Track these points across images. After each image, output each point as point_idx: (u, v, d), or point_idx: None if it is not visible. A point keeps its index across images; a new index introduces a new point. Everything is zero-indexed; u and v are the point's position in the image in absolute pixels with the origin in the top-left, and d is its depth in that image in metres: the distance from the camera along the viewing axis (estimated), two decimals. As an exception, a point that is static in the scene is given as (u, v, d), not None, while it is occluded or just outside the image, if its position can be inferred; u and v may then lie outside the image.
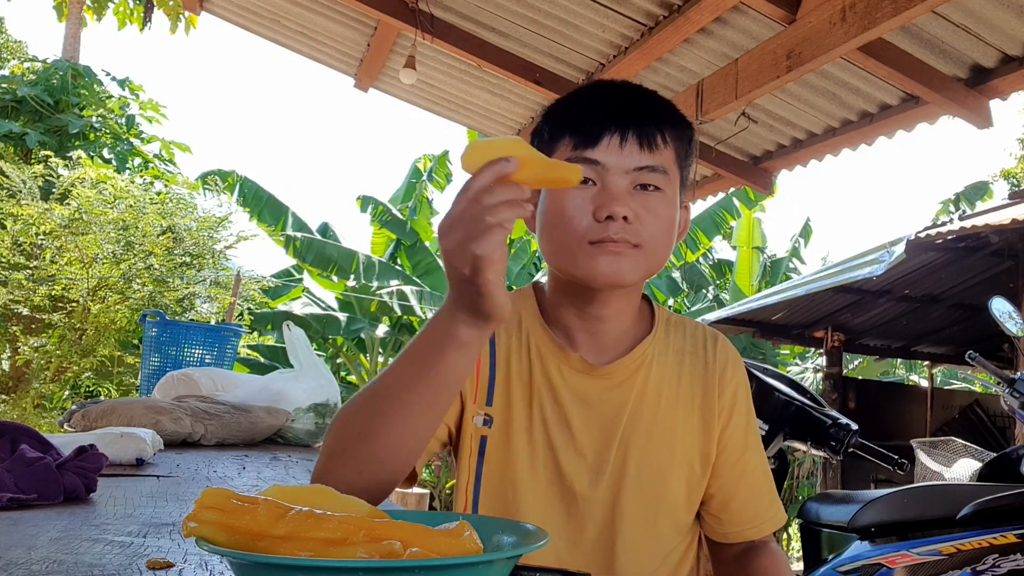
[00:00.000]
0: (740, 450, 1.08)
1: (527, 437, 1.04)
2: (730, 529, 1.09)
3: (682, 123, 1.04)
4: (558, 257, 1.01)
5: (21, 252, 7.03)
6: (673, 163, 1.01)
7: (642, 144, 0.97)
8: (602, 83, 1.07)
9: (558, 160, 0.84)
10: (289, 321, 2.76)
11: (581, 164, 0.94)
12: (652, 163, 0.98)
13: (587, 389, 1.04)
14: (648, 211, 0.97)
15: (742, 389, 1.10)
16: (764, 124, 3.77)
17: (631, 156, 0.97)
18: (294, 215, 9.59)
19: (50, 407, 7.66)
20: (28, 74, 11.58)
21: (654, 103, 1.03)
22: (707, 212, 9.96)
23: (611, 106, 1.00)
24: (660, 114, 1.01)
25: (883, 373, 11.27)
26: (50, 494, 1.11)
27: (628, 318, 1.07)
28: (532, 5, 3.40)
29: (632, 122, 0.98)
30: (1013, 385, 2.52)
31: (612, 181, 0.97)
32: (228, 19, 4.48)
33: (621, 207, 0.95)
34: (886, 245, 4.82)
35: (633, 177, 0.97)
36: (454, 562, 0.53)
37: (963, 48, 2.91)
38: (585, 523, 1.02)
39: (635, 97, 1.03)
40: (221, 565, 0.77)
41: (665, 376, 1.07)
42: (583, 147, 0.98)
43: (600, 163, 0.97)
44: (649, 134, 0.98)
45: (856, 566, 2.33)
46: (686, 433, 1.06)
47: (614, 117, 0.98)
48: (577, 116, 1.01)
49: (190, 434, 2.09)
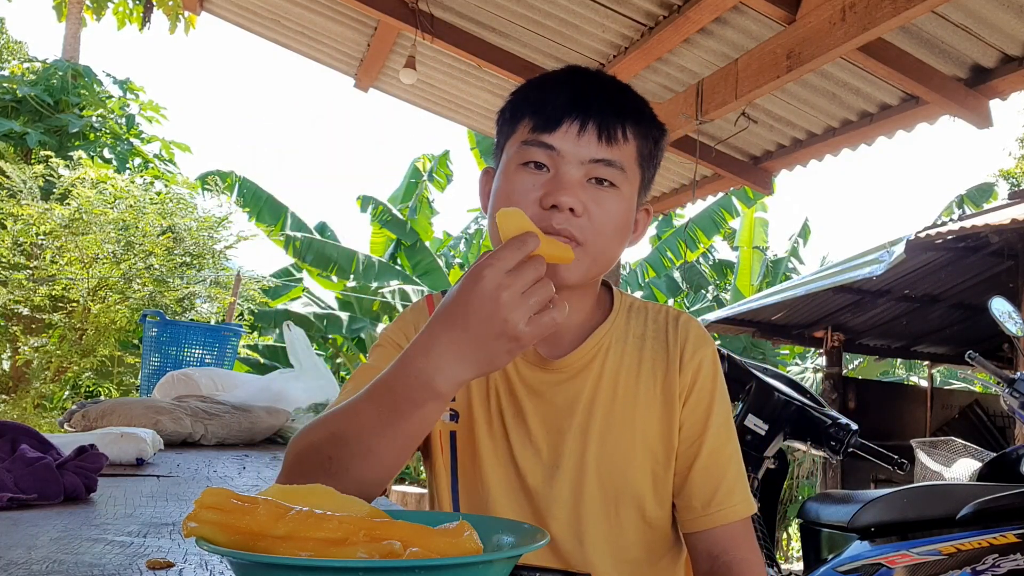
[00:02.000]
0: (699, 428, 1.01)
1: (488, 431, 1.02)
2: (685, 516, 1.01)
3: (650, 122, 1.00)
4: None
5: (21, 252, 7.03)
6: (633, 161, 0.97)
7: (601, 135, 0.93)
8: (574, 69, 1.03)
9: (553, 238, 0.82)
10: (289, 321, 2.76)
11: (536, 148, 0.94)
12: (609, 157, 0.94)
13: (540, 383, 1.02)
14: (598, 206, 0.93)
15: (707, 366, 1.04)
16: (764, 124, 3.77)
17: (588, 146, 0.93)
18: (293, 215, 9.60)
19: (50, 407, 7.66)
20: (28, 74, 11.58)
21: (622, 97, 0.99)
22: (707, 212, 9.96)
23: (576, 92, 0.96)
24: (626, 109, 0.97)
25: (883, 373, 11.27)
26: (50, 494, 1.11)
27: (583, 311, 1.04)
28: (532, 5, 3.40)
29: (594, 111, 0.94)
30: (1013, 385, 2.52)
31: (565, 170, 0.93)
32: (228, 19, 4.48)
33: (569, 197, 0.91)
34: (886, 245, 4.82)
35: (588, 169, 0.93)
36: (454, 562, 0.53)
37: (963, 48, 2.91)
38: (546, 519, 0.99)
39: (603, 88, 0.99)
40: (221, 565, 0.77)
41: (623, 364, 1.03)
42: (541, 130, 0.94)
43: (555, 149, 0.93)
44: (611, 126, 0.94)
45: (856, 566, 2.33)
46: (647, 421, 1.01)
47: (576, 104, 0.94)
48: (540, 98, 0.97)
49: (190, 434, 2.09)
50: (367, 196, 10.09)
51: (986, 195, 9.94)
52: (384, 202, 10.13)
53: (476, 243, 10.51)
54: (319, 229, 10.37)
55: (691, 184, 4.33)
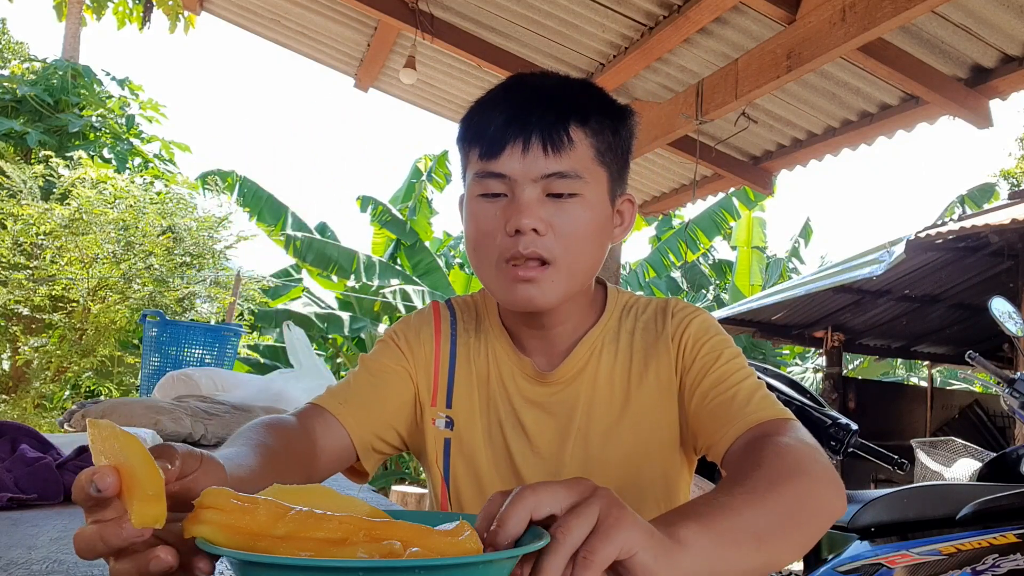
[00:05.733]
0: (701, 376, 0.96)
1: (486, 439, 1.03)
2: (713, 453, 0.91)
3: (602, 113, 0.94)
4: (481, 277, 0.96)
5: (21, 252, 7.03)
6: (591, 161, 0.92)
7: (547, 148, 0.89)
8: (513, 80, 0.98)
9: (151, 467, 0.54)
10: (289, 321, 2.76)
11: (488, 179, 0.91)
12: (560, 169, 0.89)
13: (537, 395, 1.02)
14: (562, 220, 0.90)
15: (695, 327, 0.99)
16: (764, 124, 3.77)
17: (536, 163, 0.89)
18: (294, 215, 9.60)
19: (50, 407, 7.66)
20: (28, 74, 11.59)
21: (562, 98, 0.92)
22: (707, 212, 9.96)
23: (512, 110, 0.91)
24: (568, 111, 0.91)
25: (883, 373, 11.28)
26: (50, 494, 1.11)
27: (576, 319, 1.02)
28: (532, 5, 3.40)
29: (535, 124, 0.89)
30: (1013, 385, 2.52)
31: (519, 192, 0.89)
32: (228, 19, 4.48)
33: (528, 219, 0.88)
34: (886, 245, 4.82)
35: (543, 185, 0.89)
36: (454, 562, 0.53)
37: (963, 48, 2.91)
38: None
39: (541, 94, 0.93)
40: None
41: (617, 362, 1.02)
42: (488, 158, 0.91)
43: (505, 176, 0.90)
44: (555, 135, 0.89)
45: (856, 566, 2.33)
46: (648, 410, 1.00)
47: (514, 122, 0.90)
48: (483, 123, 0.92)
49: (190, 434, 2.09)
50: (367, 196, 10.09)
51: (988, 195, 9.94)
52: (384, 202, 10.13)
53: (476, 243, 10.51)
54: (319, 229, 10.37)
55: (691, 184, 4.33)
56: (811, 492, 0.74)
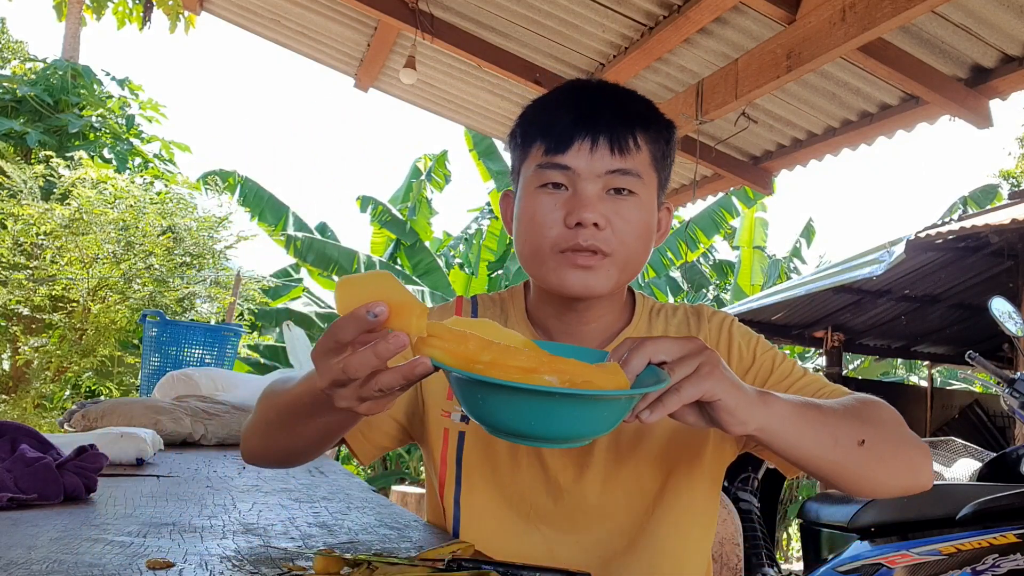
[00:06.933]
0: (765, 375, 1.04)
1: None
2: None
3: (658, 123, 1.01)
4: (531, 265, 1.01)
5: (21, 252, 7.04)
6: (648, 166, 0.99)
7: (613, 148, 0.95)
8: (576, 84, 1.04)
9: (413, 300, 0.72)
10: (289, 321, 2.76)
11: (552, 169, 0.96)
12: (624, 167, 0.95)
13: None
14: (620, 216, 0.96)
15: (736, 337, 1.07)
16: (764, 124, 3.77)
17: (602, 160, 0.95)
18: (295, 215, 9.60)
19: (50, 407, 7.66)
20: (28, 74, 11.58)
21: (627, 105, 1.00)
22: (707, 211, 9.96)
23: (582, 109, 0.98)
24: (633, 116, 0.98)
25: (883, 373, 11.27)
26: (50, 494, 1.11)
27: (609, 318, 1.06)
28: (532, 5, 3.40)
29: (603, 125, 0.96)
30: (1013, 385, 2.53)
31: (583, 186, 0.95)
32: (228, 19, 4.49)
33: (591, 213, 0.93)
34: (886, 245, 4.81)
35: (605, 181, 0.96)
36: (618, 394, 0.68)
37: (963, 48, 2.91)
38: (574, 514, 1.02)
39: (608, 99, 1.00)
40: (221, 565, 0.77)
41: None
42: (554, 152, 0.96)
43: (570, 168, 0.95)
44: (621, 137, 0.96)
45: (856, 566, 2.33)
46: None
47: (585, 121, 0.96)
48: (548, 120, 0.99)
49: (190, 434, 2.09)
50: (367, 196, 10.09)
51: (990, 197, 9.91)
52: (384, 202, 10.13)
53: (476, 243, 10.50)
54: (319, 229, 10.37)
55: (691, 184, 4.33)
56: (900, 445, 0.91)
